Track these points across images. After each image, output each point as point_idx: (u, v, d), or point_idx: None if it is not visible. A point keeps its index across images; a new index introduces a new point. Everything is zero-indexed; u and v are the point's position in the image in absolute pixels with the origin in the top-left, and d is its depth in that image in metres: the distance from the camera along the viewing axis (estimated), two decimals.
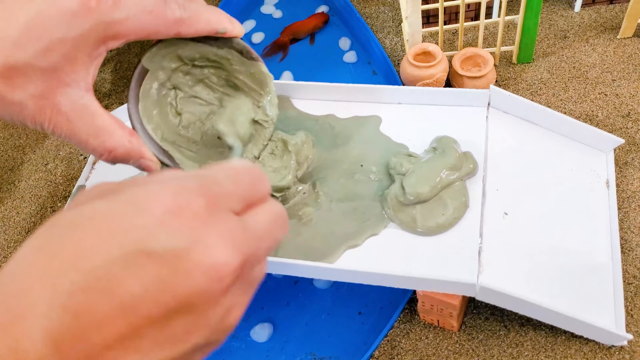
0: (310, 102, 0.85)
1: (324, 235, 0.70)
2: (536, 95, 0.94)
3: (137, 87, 0.62)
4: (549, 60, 0.99)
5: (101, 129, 0.51)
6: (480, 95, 0.78)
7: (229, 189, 0.29)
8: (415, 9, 0.90)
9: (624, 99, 0.91)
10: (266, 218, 0.31)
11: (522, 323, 0.71)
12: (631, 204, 0.78)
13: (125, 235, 0.25)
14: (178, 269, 0.25)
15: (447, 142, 0.73)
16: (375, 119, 0.81)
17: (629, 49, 0.97)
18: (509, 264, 0.66)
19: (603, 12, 1.05)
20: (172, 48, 0.61)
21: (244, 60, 0.66)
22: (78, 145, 0.51)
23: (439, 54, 0.92)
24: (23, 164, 1.04)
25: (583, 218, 0.72)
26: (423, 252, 0.67)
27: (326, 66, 1.09)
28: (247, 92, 0.68)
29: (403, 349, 0.72)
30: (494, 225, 0.69)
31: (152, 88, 0.63)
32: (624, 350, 0.67)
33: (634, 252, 0.74)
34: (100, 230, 0.25)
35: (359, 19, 1.11)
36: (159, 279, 0.25)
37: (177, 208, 0.26)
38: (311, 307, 0.79)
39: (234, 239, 0.27)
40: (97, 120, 0.50)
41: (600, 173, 0.76)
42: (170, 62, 0.62)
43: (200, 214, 0.27)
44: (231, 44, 0.64)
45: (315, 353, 0.74)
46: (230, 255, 0.27)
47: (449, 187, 0.70)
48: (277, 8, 1.23)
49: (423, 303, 0.69)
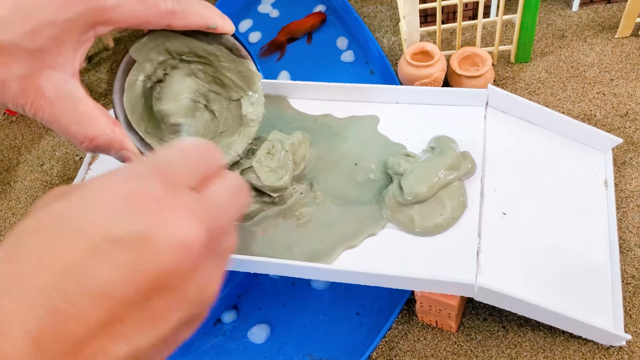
0: (308, 101, 0.85)
1: (322, 236, 0.69)
2: (534, 95, 0.94)
3: (123, 77, 0.61)
4: (547, 59, 0.98)
5: (84, 116, 0.50)
6: (478, 94, 0.78)
7: (180, 166, 0.30)
8: (413, 8, 0.90)
9: (622, 98, 0.90)
10: (223, 187, 0.31)
11: (520, 323, 0.71)
12: (629, 203, 0.78)
13: (87, 228, 0.26)
14: (145, 250, 0.26)
15: (445, 142, 0.72)
16: (372, 119, 0.80)
17: (627, 48, 0.97)
18: (507, 264, 0.66)
19: (601, 12, 1.05)
20: (161, 40, 0.60)
21: (233, 57, 0.65)
22: (59, 131, 0.50)
23: (436, 53, 0.92)
24: (19, 165, 1.04)
25: (581, 218, 0.72)
26: (421, 252, 0.67)
27: (324, 66, 1.09)
28: (234, 89, 0.67)
29: (401, 350, 0.71)
30: (492, 225, 0.68)
31: (138, 80, 0.62)
32: (622, 350, 0.67)
33: (632, 251, 0.74)
34: (62, 229, 0.26)
35: (356, 18, 1.10)
36: (128, 262, 0.25)
37: (131, 194, 0.27)
38: (309, 308, 0.78)
39: (194, 212, 0.28)
40: (80, 107, 0.49)
41: (599, 173, 0.76)
42: (158, 55, 0.62)
43: (156, 195, 0.27)
44: (221, 40, 0.64)
45: (312, 354, 0.74)
46: (193, 227, 0.27)
47: (447, 187, 0.69)
48: (274, 7, 1.23)
49: (421, 304, 0.69)
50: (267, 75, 1.08)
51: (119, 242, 0.25)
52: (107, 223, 0.26)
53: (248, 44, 1.15)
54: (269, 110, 0.84)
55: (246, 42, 1.15)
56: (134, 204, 0.27)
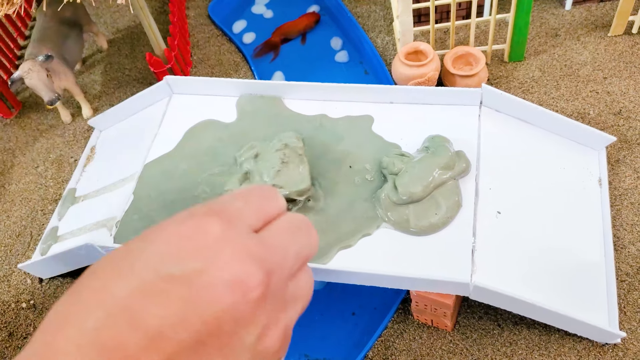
0: (302, 102, 0.85)
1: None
2: (528, 94, 0.94)
3: None
4: (541, 58, 0.99)
5: None
6: (473, 94, 0.78)
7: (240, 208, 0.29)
8: (407, 8, 0.90)
9: (615, 96, 0.91)
10: (284, 227, 0.29)
11: (515, 322, 0.71)
12: (623, 201, 0.79)
13: (141, 265, 0.25)
14: (200, 289, 0.24)
15: (440, 142, 0.72)
16: (367, 119, 0.81)
17: (619, 46, 0.98)
18: (502, 263, 0.66)
19: (593, 10, 1.05)
20: None
21: None
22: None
23: (430, 52, 0.92)
24: (13, 167, 1.03)
25: (576, 216, 0.72)
26: (416, 252, 0.67)
27: (318, 66, 1.09)
28: None
29: (397, 349, 0.72)
30: (487, 224, 0.69)
31: None
32: (617, 347, 0.67)
33: (626, 249, 0.74)
34: (118, 267, 0.25)
35: (350, 18, 1.11)
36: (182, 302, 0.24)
37: (189, 232, 0.26)
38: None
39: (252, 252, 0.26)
40: None
41: (593, 171, 0.76)
42: None
43: (214, 234, 0.26)
44: None
45: (309, 355, 0.74)
46: (251, 267, 0.25)
47: (442, 187, 0.69)
48: (268, 8, 1.23)
49: (417, 303, 0.69)
50: (262, 76, 1.08)
51: (173, 279, 0.24)
52: (162, 260, 0.25)
53: (242, 44, 1.15)
54: (263, 111, 0.85)
55: (240, 43, 1.15)
56: (191, 242, 0.25)
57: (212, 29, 1.21)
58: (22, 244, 0.91)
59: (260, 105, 0.85)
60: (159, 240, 0.26)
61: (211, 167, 0.79)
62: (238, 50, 1.15)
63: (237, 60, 1.13)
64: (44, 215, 0.95)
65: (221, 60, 1.14)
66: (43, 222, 0.93)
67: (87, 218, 0.81)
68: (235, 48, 1.16)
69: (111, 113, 0.93)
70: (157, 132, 0.86)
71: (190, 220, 0.27)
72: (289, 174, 0.70)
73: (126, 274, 0.25)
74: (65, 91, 1.05)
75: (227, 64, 1.13)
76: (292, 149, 0.72)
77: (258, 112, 0.84)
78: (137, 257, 0.25)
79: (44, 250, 0.82)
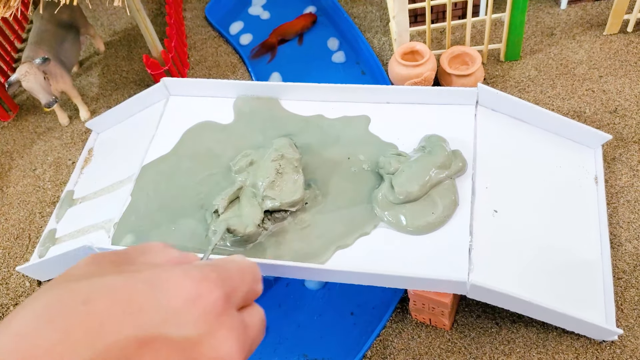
0: (299, 102, 0.85)
1: (314, 236, 0.69)
2: (524, 93, 0.94)
3: None
4: (537, 57, 0.99)
5: None
6: (469, 93, 0.78)
7: (237, 285, 0.31)
8: (403, 8, 0.90)
9: (611, 95, 0.91)
10: (258, 319, 0.32)
11: (513, 320, 0.71)
12: (620, 199, 0.79)
13: (143, 316, 0.26)
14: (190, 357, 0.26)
15: (436, 141, 0.73)
16: (364, 119, 0.81)
17: (615, 45, 0.98)
18: (499, 261, 0.66)
19: (589, 9, 1.05)
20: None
21: None
22: None
23: (426, 52, 0.92)
24: (11, 170, 1.04)
25: (572, 214, 0.72)
26: (413, 251, 0.67)
27: (315, 67, 1.09)
28: None
29: (395, 348, 0.72)
30: (484, 223, 0.69)
31: None
32: (614, 345, 0.67)
33: (623, 247, 0.74)
34: (116, 308, 0.25)
35: (346, 19, 1.11)
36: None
37: (197, 297, 0.28)
38: (303, 308, 0.79)
39: (239, 337, 0.29)
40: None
41: (589, 169, 0.76)
42: None
43: (217, 307, 0.28)
44: None
45: (307, 354, 0.74)
46: (237, 351, 0.28)
47: (439, 186, 0.70)
48: (265, 9, 1.23)
49: (414, 302, 0.69)
50: (259, 77, 1.08)
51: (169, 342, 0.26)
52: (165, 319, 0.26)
53: (239, 46, 1.15)
54: (260, 112, 0.85)
55: (237, 44, 1.15)
56: (195, 308, 0.27)
57: (209, 30, 1.21)
58: (20, 247, 0.92)
59: (258, 107, 0.85)
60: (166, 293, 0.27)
61: (209, 169, 0.79)
62: (235, 51, 1.15)
63: (234, 62, 1.13)
64: (42, 217, 0.95)
65: (218, 62, 1.14)
66: (41, 224, 0.93)
67: (85, 220, 0.81)
68: (232, 49, 1.16)
69: (108, 115, 0.93)
70: (154, 134, 0.86)
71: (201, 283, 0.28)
72: (283, 185, 0.71)
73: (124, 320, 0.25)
74: (63, 94, 1.05)
75: (224, 65, 1.13)
76: (289, 160, 0.72)
77: (255, 113, 0.84)
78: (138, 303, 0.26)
79: (42, 252, 0.82)
